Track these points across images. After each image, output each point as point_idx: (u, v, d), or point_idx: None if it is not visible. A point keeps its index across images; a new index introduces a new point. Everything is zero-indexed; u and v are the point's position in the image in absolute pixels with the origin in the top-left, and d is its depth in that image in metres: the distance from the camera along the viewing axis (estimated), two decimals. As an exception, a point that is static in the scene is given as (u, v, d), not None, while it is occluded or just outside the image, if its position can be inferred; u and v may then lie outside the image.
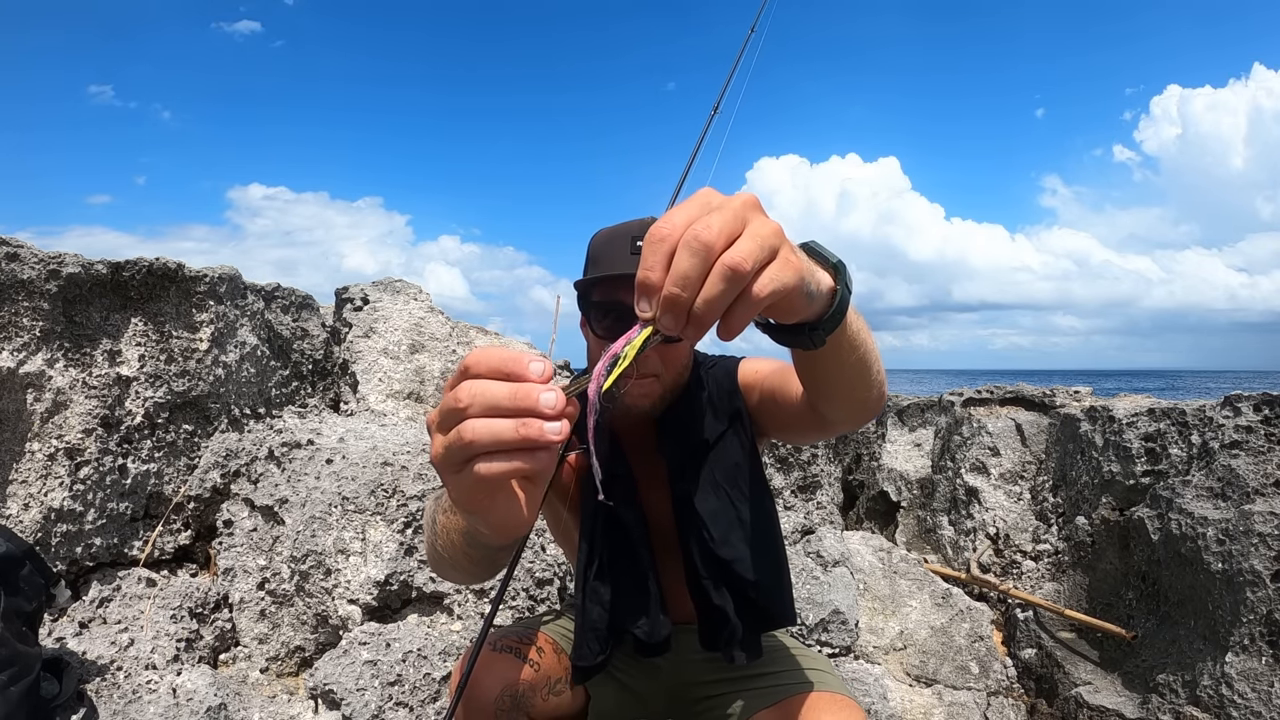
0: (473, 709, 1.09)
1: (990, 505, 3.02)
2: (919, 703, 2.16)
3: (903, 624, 2.39)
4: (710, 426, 1.16)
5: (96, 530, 2.00)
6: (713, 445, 1.15)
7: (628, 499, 1.15)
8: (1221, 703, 1.83)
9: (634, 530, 1.14)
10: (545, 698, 1.16)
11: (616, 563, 1.15)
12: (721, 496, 1.12)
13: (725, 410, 1.17)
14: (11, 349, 1.88)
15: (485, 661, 1.12)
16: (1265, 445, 1.99)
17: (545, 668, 1.17)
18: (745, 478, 1.15)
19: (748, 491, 1.14)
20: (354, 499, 2.05)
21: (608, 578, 1.14)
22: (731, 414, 1.17)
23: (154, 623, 1.93)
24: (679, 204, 0.52)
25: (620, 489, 1.15)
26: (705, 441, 1.15)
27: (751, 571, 1.08)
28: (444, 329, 3.10)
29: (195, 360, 2.24)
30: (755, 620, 1.10)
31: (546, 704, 1.16)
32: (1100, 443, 2.58)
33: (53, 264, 1.94)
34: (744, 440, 1.16)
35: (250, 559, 2.09)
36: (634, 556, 1.14)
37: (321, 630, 2.02)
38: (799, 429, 1.10)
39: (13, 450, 1.91)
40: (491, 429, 0.48)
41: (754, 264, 0.50)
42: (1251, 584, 1.84)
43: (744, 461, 1.15)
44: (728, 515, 1.11)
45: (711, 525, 1.10)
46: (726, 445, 1.15)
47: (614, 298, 1.06)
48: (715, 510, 1.11)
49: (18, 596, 1.50)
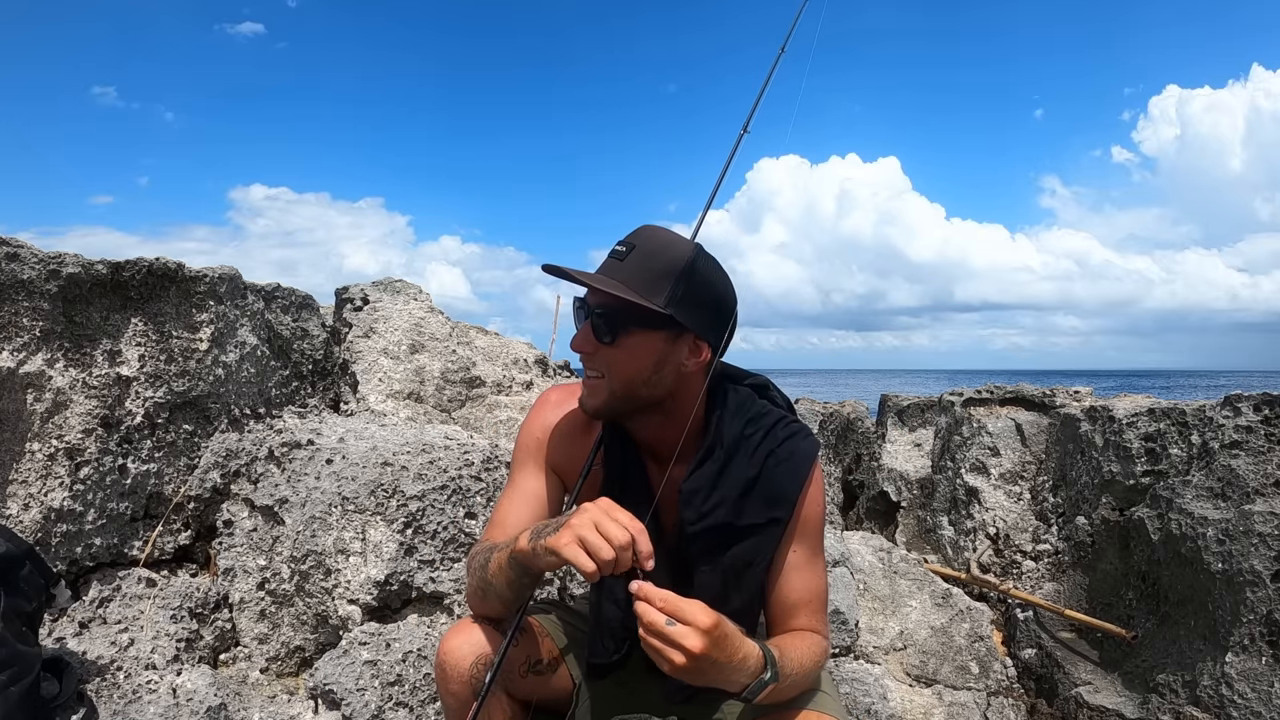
0: (448, 675, 1.11)
1: (990, 505, 3.02)
2: (919, 703, 2.16)
3: (903, 624, 2.39)
4: (745, 513, 1.11)
5: (96, 530, 2.00)
6: (738, 534, 1.11)
7: (640, 505, 1.12)
8: (1221, 703, 1.84)
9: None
10: (524, 674, 1.17)
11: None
12: (718, 579, 1.11)
13: (770, 509, 1.11)
14: (11, 349, 1.88)
15: (463, 630, 1.14)
16: (1265, 445, 1.99)
17: (526, 646, 1.18)
18: (751, 578, 1.11)
19: (744, 588, 1.11)
20: (354, 499, 2.05)
21: (622, 576, 1.15)
22: (774, 518, 1.11)
23: (154, 623, 1.93)
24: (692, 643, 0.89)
25: (634, 493, 1.14)
26: (731, 526, 1.11)
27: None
28: (444, 329, 3.10)
29: (195, 360, 2.24)
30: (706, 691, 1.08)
31: (525, 681, 1.17)
32: (1100, 443, 2.58)
33: (53, 264, 1.94)
34: (765, 546, 1.11)
35: (250, 559, 2.09)
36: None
37: (321, 630, 2.02)
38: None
39: (13, 450, 1.91)
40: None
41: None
42: (1251, 584, 1.84)
43: (757, 564, 1.11)
44: (715, 597, 1.07)
45: (699, 595, 1.07)
46: (751, 542, 1.10)
47: (579, 292, 1.11)
48: (707, 586, 1.10)
49: (18, 596, 1.50)
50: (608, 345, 1.07)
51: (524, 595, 1.08)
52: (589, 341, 1.08)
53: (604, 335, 1.06)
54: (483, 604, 1.13)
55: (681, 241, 1.09)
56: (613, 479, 1.16)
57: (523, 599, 1.08)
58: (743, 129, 1.22)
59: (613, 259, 1.06)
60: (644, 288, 1.03)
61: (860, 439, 4.11)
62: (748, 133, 1.22)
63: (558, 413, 1.23)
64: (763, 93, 1.23)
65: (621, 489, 1.14)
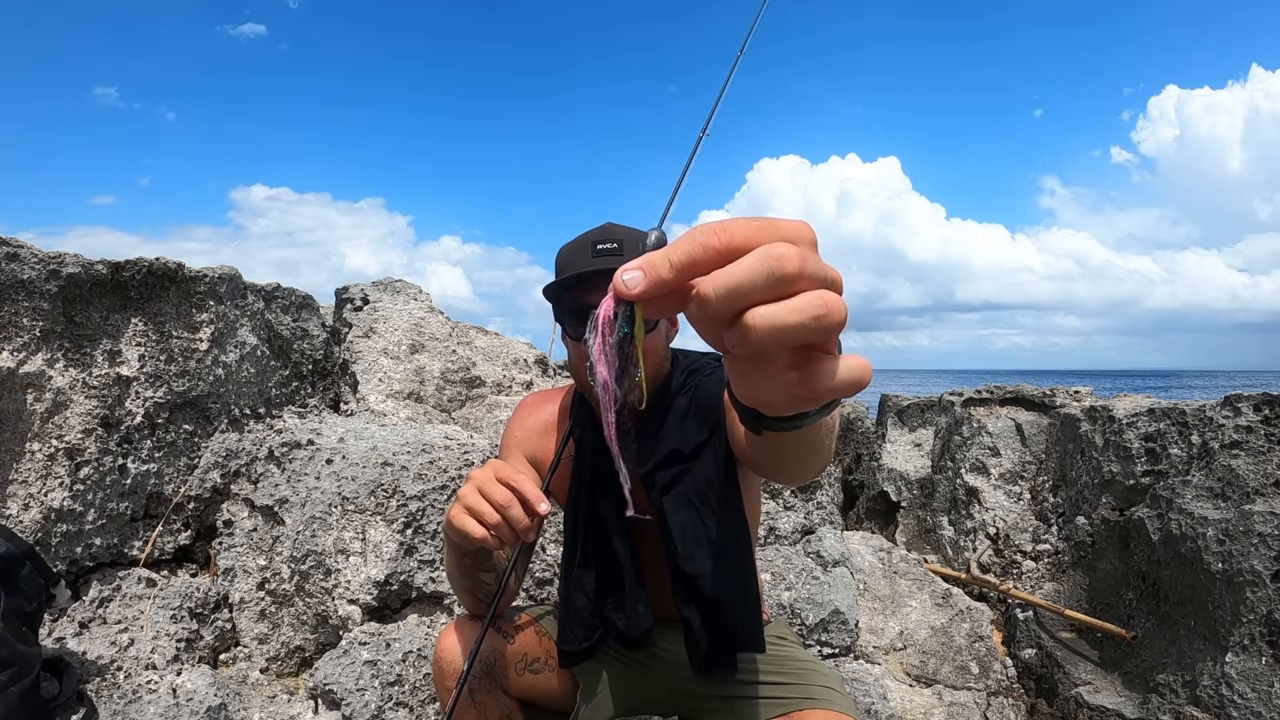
0: (444, 673, 1.14)
1: (990, 505, 3.02)
2: (919, 703, 2.16)
3: (903, 624, 2.39)
4: (687, 436, 1.13)
5: (96, 530, 2.00)
6: (687, 457, 1.12)
7: (607, 491, 1.15)
8: (1221, 703, 1.83)
9: (611, 523, 1.15)
10: (520, 672, 1.19)
11: (600, 553, 1.17)
12: (690, 511, 1.10)
13: (707, 420, 1.13)
14: (11, 349, 1.88)
15: (458, 629, 1.17)
16: (1265, 445, 1.99)
17: (521, 643, 1.21)
18: (717, 494, 1.11)
19: (717, 508, 1.11)
20: (354, 499, 2.05)
21: (591, 567, 1.17)
22: (713, 425, 1.12)
23: (154, 623, 1.93)
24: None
25: (600, 482, 1.16)
26: (679, 452, 1.12)
27: (714, 589, 1.07)
28: (444, 329, 3.10)
29: (195, 360, 2.24)
30: (721, 638, 1.08)
31: (521, 679, 1.19)
32: (1100, 443, 2.58)
33: (53, 264, 1.94)
34: (719, 455, 1.11)
35: (250, 559, 2.09)
36: (612, 548, 1.16)
37: (321, 630, 2.02)
38: (748, 464, 1.05)
39: (13, 450, 1.91)
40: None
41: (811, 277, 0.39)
42: (1251, 584, 1.84)
43: (717, 478, 1.11)
44: (694, 530, 1.09)
45: (679, 539, 1.09)
46: (703, 459, 1.12)
47: (582, 300, 1.07)
48: (683, 524, 1.10)
49: (18, 596, 1.50)
50: (647, 334, 1.08)
51: (473, 576, 1.12)
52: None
53: (648, 326, 1.07)
54: (456, 592, 1.19)
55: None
56: (583, 465, 1.19)
57: (475, 580, 1.13)
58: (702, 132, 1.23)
59: (609, 256, 1.06)
60: None
61: (860, 439, 4.11)
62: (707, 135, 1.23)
63: (535, 412, 1.30)
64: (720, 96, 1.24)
65: (593, 472, 1.17)
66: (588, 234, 1.10)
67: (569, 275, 1.07)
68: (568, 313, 1.10)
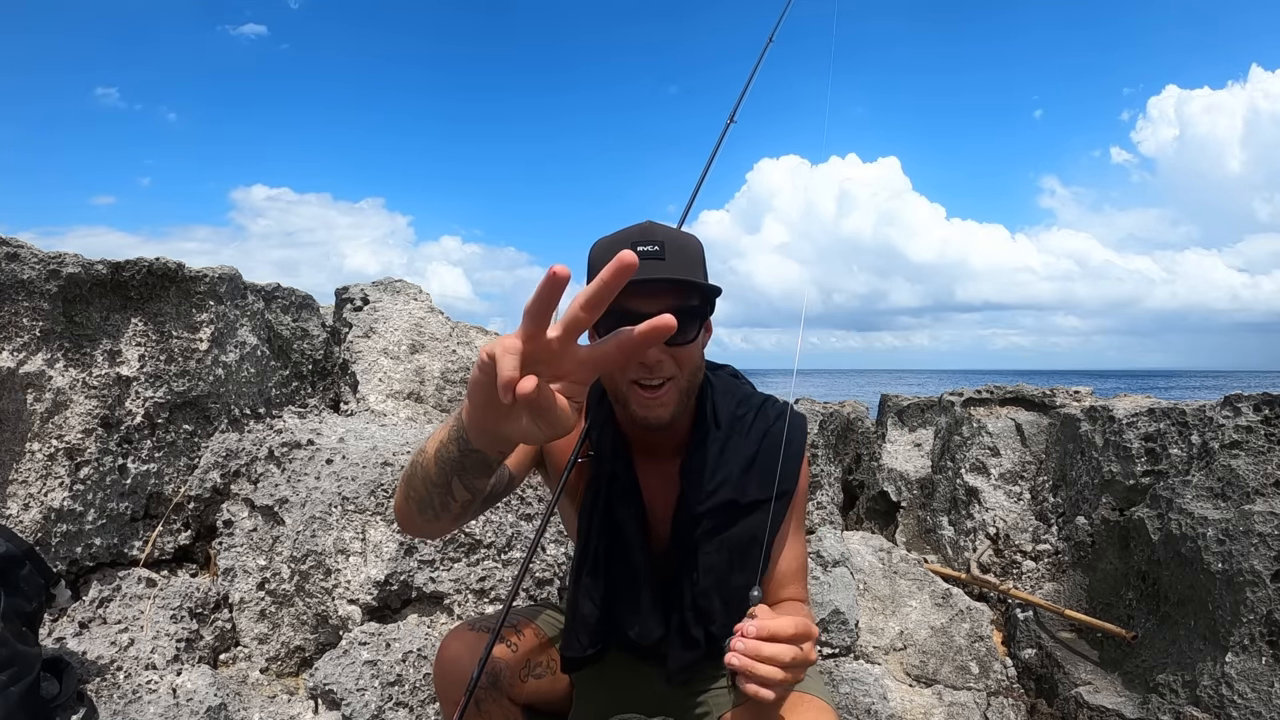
0: (449, 684, 1.12)
1: (990, 505, 3.02)
2: (919, 703, 2.16)
3: (903, 624, 2.39)
4: (747, 490, 1.11)
5: (96, 530, 2.00)
6: (742, 510, 1.10)
7: (626, 499, 1.14)
8: (1221, 703, 1.84)
9: (629, 530, 1.14)
10: (523, 679, 1.17)
11: (612, 562, 1.15)
12: (724, 558, 1.10)
13: (769, 485, 1.10)
14: (11, 349, 1.88)
15: (461, 637, 1.14)
16: (1265, 445, 1.99)
17: (524, 650, 1.19)
18: (756, 554, 1.09)
19: (748, 565, 1.10)
20: (354, 499, 2.05)
21: (602, 575, 1.15)
22: (777, 494, 1.10)
23: (154, 623, 1.93)
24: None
25: (619, 489, 1.14)
26: (734, 503, 1.11)
27: (717, 628, 1.10)
28: (444, 329, 3.10)
29: (195, 360, 2.24)
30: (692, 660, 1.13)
31: (525, 685, 1.18)
32: (1100, 443, 2.58)
33: (53, 264, 1.94)
34: (771, 521, 1.09)
35: (250, 559, 2.09)
36: (628, 557, 1.14)
37: (321, 630, 2.02)
38: None
39: (13, 450, 1.91)
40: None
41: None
42: (1251, 584, 1.84)
43: (760, 542, 1.09)
44: (719, 576, 1.10)
45: (704, 576, 1.10)
46: (755, 518, 1.10)
47: (620, 305, 1.01)
48: (712, 566, 1.10)
49: (18, 596, 1.50)
50: (688, 344, 1.03)
51: (448, 483, 0.87)
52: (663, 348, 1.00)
53: (691, 334, 1.02)
54: (405, 486, 0.94)
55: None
56: (600, 469, 1.15)
57: (446, 487, 0.87)
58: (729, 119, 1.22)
59: (652, 260, 1.00)
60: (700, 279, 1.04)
61: (860, 439, 4.11)
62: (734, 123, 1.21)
63: None
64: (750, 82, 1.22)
65: (611, 478, 1.14)
66: (628, 231, 1.06)
67: (661, 279, 1.01)
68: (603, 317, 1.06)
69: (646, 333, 0.61)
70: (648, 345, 0.62)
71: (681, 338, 1.01)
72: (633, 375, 1.02)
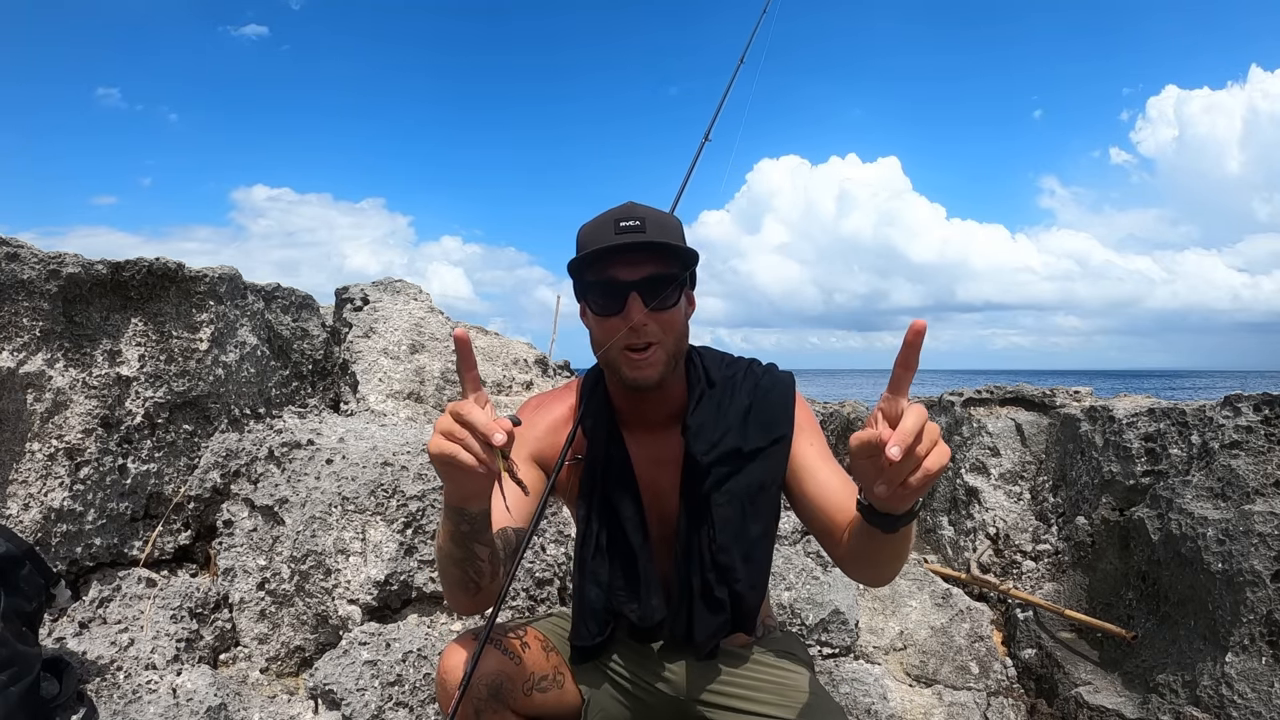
0: (449, 694, 1.09)
1: (990, 505, 3.02)
2: (919, 703, 2.16)
3: (903, 624, 2.39)
4: (749, 437, 1.16)
5: (96, 530, 2.00)
6: (746, 456, 1.16)
7: (623, 482, 1.17)
8: (1221, 703, 1.84)
9: (626, 512, 1.17)
10: (528, 692, 1.16)
11: (614, 545, 1.17)
12: (738, 509, 1.15)
13: (770, 430, 1.17)
14: (11, 349, 1.88)
15: (462, 648, 1.12)
16: (1265, 445, 1.99)
17: (528, 663, 1.17)
18: (764, 500, 1.16)
19: (761, 512, 1.16)
20: (354, 499, 2.05)
21: (605, 559, 1.17)
22: (777, 437, 1.17)
23: (154, 623, 1.93)
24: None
25: (615, 471, 1.17)
26: (740, 450, 1.16)
27: (738, 583, 1.14)
28: (444, 329, 3.10)
29: (195, 360, 2.24)
30: (725, 622, 1.16)
31: (530, 699, 1.16)
32: (1100, 443, 2.58)
33: (53, 264, 1.94)
34: (774, 465, 1.16)
35: (250, 559, 2.09)
36: (627, 540, 1.17)
37: (321, 630, 2.02)
38: (853, 568, 1.09)
39: (13, 450, 1.91)
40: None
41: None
42: (1251, 584, 1.84)
43: (769, 485, 1.16)
44: (736, 527, 1.14)
45: (720, 531, 1.13)
46: (758, 463, 1.16)
47: (606, 275, 1.09)
48: (728, 519, 1.14)
49: (18, 596, 1.50)
50: (670, 309, 1.10)
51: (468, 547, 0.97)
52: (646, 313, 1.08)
53: (670, 299, 1.09)
54: (446, 584, 1.05)
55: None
56: (596, 455, 1.19)
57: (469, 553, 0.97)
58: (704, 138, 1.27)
59: (633, 233, 1.07)
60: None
61: (860, 439, 4.10)
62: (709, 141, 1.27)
63: (543, 412, 1.29)
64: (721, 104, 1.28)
65: (606, 462, 1.18)
66: (610, 211, 1.12)
67: (592, 250, 1.08)
68: (591, 288, 1.11)
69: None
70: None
71: (663, 303, 1.08)
72: (622, 342, 1.10)
